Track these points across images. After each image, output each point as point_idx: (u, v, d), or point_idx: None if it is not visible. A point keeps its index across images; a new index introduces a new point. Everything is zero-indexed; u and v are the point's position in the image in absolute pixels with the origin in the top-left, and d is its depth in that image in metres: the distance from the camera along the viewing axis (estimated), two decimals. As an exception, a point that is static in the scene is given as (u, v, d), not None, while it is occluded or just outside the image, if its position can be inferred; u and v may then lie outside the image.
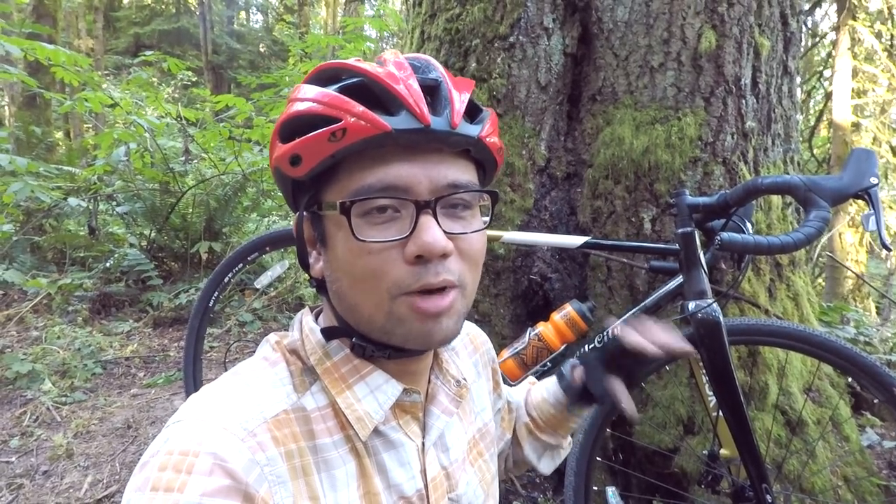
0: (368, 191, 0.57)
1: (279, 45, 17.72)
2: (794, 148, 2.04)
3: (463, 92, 0.62)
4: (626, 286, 1.84)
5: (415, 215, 0.57)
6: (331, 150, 0.57)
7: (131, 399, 2.79)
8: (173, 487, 0.48)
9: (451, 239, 0.59)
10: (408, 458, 0.65)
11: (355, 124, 0.56)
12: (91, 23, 14.02)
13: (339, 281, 0.62)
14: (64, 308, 3.82)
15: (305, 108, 0.60)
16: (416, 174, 0.58)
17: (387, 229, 0.58)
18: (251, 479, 0.51)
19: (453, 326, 0.61)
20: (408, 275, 0.57)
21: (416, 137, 0.57)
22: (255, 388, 0.59)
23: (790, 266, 1.91)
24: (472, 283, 0.64)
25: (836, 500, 1.61)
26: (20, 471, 2.14)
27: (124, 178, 4.38)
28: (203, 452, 0.50)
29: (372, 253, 0.57)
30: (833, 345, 1.30)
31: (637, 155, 1.82)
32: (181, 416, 0.55)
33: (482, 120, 0.63)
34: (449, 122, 0.58)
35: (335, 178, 0.60)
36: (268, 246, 1.89)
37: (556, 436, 0.94)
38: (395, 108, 0.57)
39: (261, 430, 0.55)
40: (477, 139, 0.61)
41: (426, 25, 2.26)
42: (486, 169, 0.68)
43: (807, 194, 1.13)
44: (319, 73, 0.64)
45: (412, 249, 0.56)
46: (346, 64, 0.61)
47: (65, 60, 3.31)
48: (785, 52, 1.96)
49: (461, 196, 0.60)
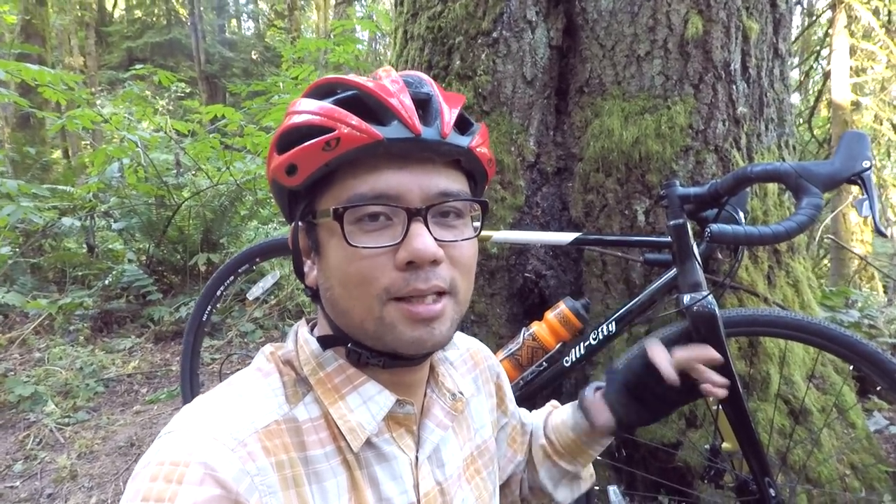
0: (361, 198, 0.59)
1: (272, 52, 17.73)
2: (789, 132, 2.00)
3: (454, 106, 0.64)
4: (622, 280, 1.81)
5: (406, 223, 0.59)
6: (325, 159, 0.59)
7: (134, 416, 2.79)
8: (164, 497, 0.48)
9: (442, 246, 0.60)
10: (400, 471, 0.65)
11: (349, 134, 0.58)
12: (83, 39, 14.05)
13: (332, 288, 0.63)
14: (65, 328, 3.82)
15: (301, 120, 0.62)
16: (408, 183, 0.60)
17: (379, 236, 0.59)
18: (241, 489, 0.51)
19: (446, 332, 0.62)
20: (398, 280, 0.59)
21: (407, 147, 0.59)
22: (246, 399, 0.60)
23: (789, 252, 1.87)
24: (465, 289, 0.65)
25: (843, 490, 1.58)
26: (24, 495, 2.13)
27: (119, 195, 4.37)
28: (193, 462, 0.51)
29: (364, 258, 0.59)
30: (832, 333, 1.26)
31: (627, 146, 1.79)
32: (172, 426, 0.56)
33: (473, 132, 0.65)
34: (439, 132, 0.60)
35: (329, 187, 0.62)
36: (258, 257, 1.88)
37: (575, 463, 0.91)
38: (387, 119, 0.59)
39: (251, 441, 0.55)
40: (467, 149, 0.63)
41: (409, 25, 2.23)
42: (477, 180, 0.70)
43: (798, 181, 1.10)
44: (317, 87, 0.66)
45: (403, 256, 0.58)
46: (341, 79, 0.64)
47: (50, 80, 3.30)
48: (775, 35, 1.92)
49: (452, 204, 0.63)
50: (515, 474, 0.95)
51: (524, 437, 0.95)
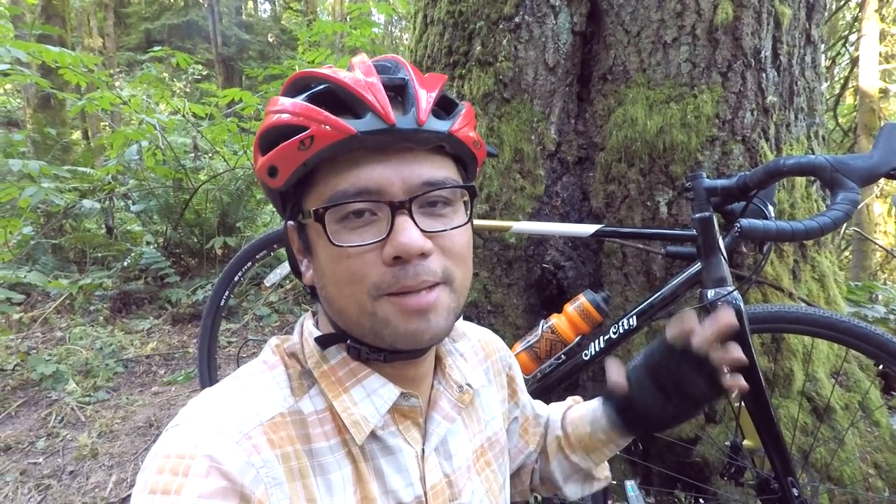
0: (343, 196, 0.58)
1: (288, 34, 17.65)
2: (819, 122, 1.94)
3: (431, 89, 0.61)
4: (642, 273, 1.78)
5: (391, 217, 0.57)
6: (302, 159, 0.58)
7: (152, 397, 2.83)
8: (171, 490, 0.49)
9: (431, 237, 0.59)
10: (405, 464, 0.65)
11: (321, 130, 0.57)
12: (102, 20, 14.10)
13: (325, 287, 0.62)
14: (85, 308, 3.88)
15: (277, 119, 0.61)
16: (388, 175, 0.58)
17: (364, 233, 0.58)
18: (247, 481, 0.52)
19: (443, 323, 0.61)
20: (387, 276, 0.57)
21: (383, 138, 0.57)
22: (252, 392, 0.60)
23: (815, 246, 1.83)
24: (461, 277, 0.63)
25: (866, 490, 1.55)
26: (47, 471, 2.18)
27: (137, 177, 4.40)
28: (199, 455, 0.51)
29: (351, 257, 0.58)
30: (861, 330, 1.23)
31: (651, 136, 1.75)
32: (179, 419, 0.56)
33: (455, 115, 0.63)
34: (415, 119, 0.58)
35: (312, 185, 0.61)
36: (275, 244, 1.88)
37: (588, 460, 0.89)
38: (361, 111, 0.57)
39: (256, 433, 0.55)
40: (448, 134, 0.60)
41: (429, 9, 2.19)
42: (466, 163, 0.67)
43: (833, 175, 1.06)
44: (292, 83, 0.64)
45: (389, 251, 0.57)
46: (314, 72, 0.62)
47: (71, 62, 3.31)
48: (808, 20, 1.85)
49: (438, 193, 0.60)
50: (526, 465, 0.94)
51: (537, 428, 0.94)
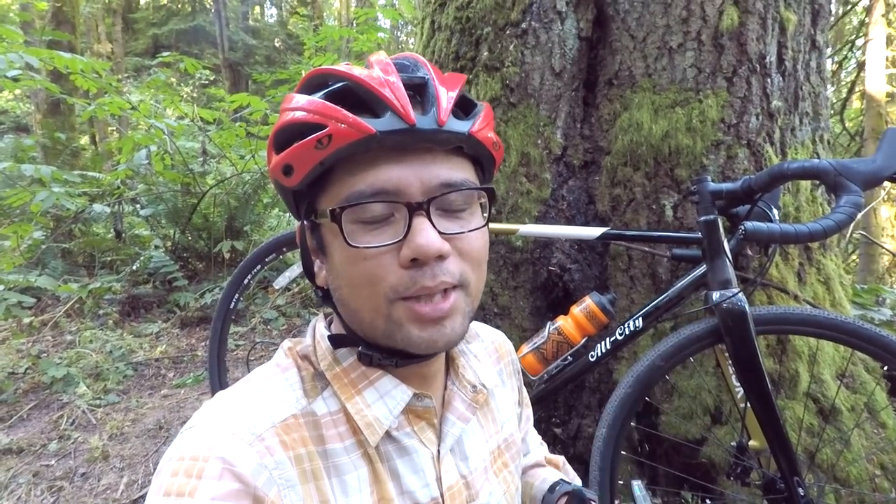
0: (360, 196, 0.56)
1: (294, 39, 17.77)
2: (824, 126, 1.95)
3: (452, 89, 0.60)
4: (648, 275, 1.80)
5: (408, 218, 0.56)
6: (319, 158, 0.57)
7: (162, 400, 2.86)
8: (184, 492, 0.49)
9: (448, 239, 0.58)
10: (421, 465, 0.64)
11: (340, 129, 0.55)
12: (110, 26, 14.24)
13: (340, 289, 0.61)
14: (95, 311, 3.92)
15: (293, 116, 0.59)
16: (407, 176, 0.57)
17: (381, 234, 0.57)
18: (260, 483, 0.52)
19: (458, 328, 0.60)
20: (404, 279, 0.56)
21: (403, 138, 0.56)
22: (265, 394, 0.60)
23: (820, 249, 1.84)
24: (477, 281, 0.62)
25: (872, 490, 1.56)
26: (59, 473, 2.21)
27: (146, 181, 4.45)
28: (212, 457, 0.51)
29: (367, 258, 0.57)
30: (866, 332, 1.24)
31: (656, 140, 1.77)
32: (193, 422, 0.56)
33: (475, 115, 0.61)
34: (436, 119, 0.57)
35: (328, 185, 0.60)
36: (284, 247, 1.90)
37: None
38: (380, 110, 0.56)
39: (269, 435, 0.55)
40: (468, 135, 0.59)
41: (436, 15, 2.22)
42: (484, 165, 0.66)
43: (837, 179, 1.08)
44: (309, 80, 0.63)
45: (406, 253, 0.56)
46: (332, 69, 0.60)
47: (82, 68, 3.36)
48: (813, 26, 1.87)
49: (457, 195, 0.59)
50: None
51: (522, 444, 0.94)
